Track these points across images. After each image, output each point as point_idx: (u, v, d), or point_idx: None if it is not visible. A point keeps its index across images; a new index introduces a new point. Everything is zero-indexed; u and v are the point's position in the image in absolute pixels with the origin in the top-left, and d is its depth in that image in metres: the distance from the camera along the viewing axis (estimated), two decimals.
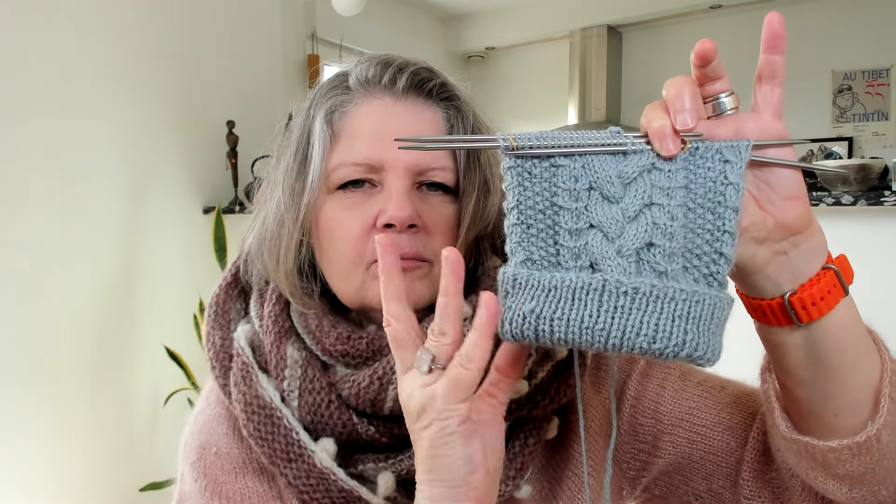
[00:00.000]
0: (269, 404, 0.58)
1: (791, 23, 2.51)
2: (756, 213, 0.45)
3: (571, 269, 0.42)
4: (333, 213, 0.59)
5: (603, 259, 0.42)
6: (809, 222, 0.46)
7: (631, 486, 0.66)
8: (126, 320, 2.33)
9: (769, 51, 0.46)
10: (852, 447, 0.47)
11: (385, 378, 0.56)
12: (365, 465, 0.57)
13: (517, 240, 0.43)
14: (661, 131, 0.43)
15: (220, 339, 0.64)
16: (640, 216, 0.43)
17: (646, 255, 0.42)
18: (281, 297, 0.62)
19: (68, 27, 2.15)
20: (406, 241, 0.56)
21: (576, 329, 0.41)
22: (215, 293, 0.67)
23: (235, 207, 2.53)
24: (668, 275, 0.42)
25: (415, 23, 5.09)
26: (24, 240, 2.05)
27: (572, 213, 0.43)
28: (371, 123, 0.58)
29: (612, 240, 0.43)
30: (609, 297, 0.41)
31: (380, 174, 0.57)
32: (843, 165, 1.63)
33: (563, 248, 0.43)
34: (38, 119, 2.07)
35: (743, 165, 0.43)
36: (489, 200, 0.58)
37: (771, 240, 0.45)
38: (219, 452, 0.60)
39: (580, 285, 0.41)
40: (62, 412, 2.15)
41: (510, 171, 0.43)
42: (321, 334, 0.59)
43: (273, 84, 2.87)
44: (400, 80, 0.59)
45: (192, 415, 0.66)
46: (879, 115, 4.22)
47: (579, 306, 0.41)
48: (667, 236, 0.42)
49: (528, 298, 0.42)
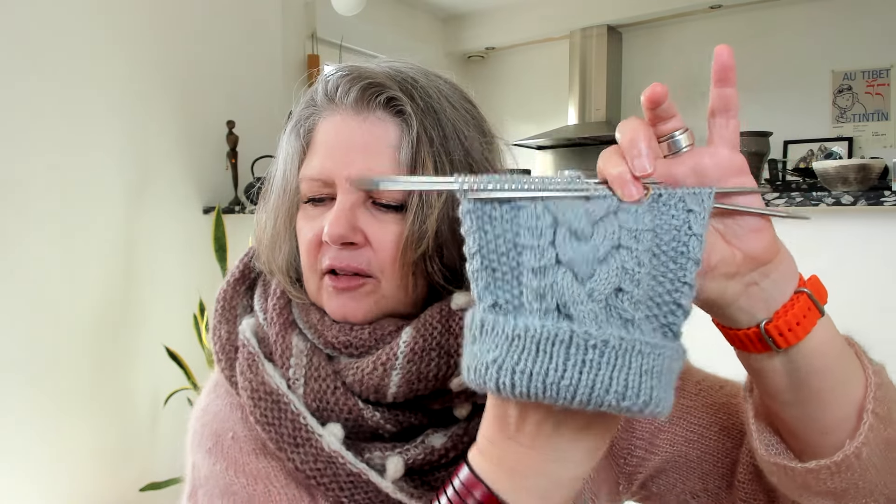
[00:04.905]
0: (275, 390, 0.58)
1: (791, 23, 2.53)
2: (723, 248, 0.45)
3: (535, 313, 0.39)
4: (299, 223, 0.61)
5: (573, 302, 0.39)
6: (777, 251, 0.46)
7: (627, 482, 0.66)
8: (126, 320, 2.33)
9: (720, 84, 0.45)
10: (830, 467, 0.47)
11: (388, 364, 0.56)
12: (371, 454, 0.57)
13: (483, 285, 0.41)
14: (621, 178, 0.42)
15: (227, 332, 0.64)
16: (610, 258, 0.40)
17: (614, 300, 0.40)
18: (284, 293, 0.64)
19: (69, 27, 2.15)
20: (347, 256, 0.57)
21: (539, 384, 0.37)
22: (223, 288, 0.68)
23: (235, 207, 2.53)
24: (633, 323, 0.40)
25: (415, 23, 5.09)
26: (25, 240, 2.05)
27: (536, 251, 0.40)
28: (328, 138, 0.59)
29: (583, 281, 0.40)
30: (577, 351, 0.38)
31: (332, 189, 0.58)
32: (842, 165, 1.63)
33: (527, 290, 0.40)
34: (38, 119, 2.07)
35: (707, 215, 0.42)
36: (428, 217, 0.57)
37: (741, 273, 0.45)
38: (236, 436, 0.61)
39: (545, 336, 0.38)
40: (62, 412, 2.15)
41: (469, 215, 0.40)
42: (323, 327, 0.60)
43: (273, 84, 2.87)
44: (351, 93, 0.59)
45: (198, 410, 0.66)
46: (879, 115, 4.22)
47: (543, 359, 0.38)
48: (634, 282, 0.40)
49: (491, 347, 0.39)
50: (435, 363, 0.57)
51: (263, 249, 0.65)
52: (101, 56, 2.24)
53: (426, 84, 0.60)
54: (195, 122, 2.53)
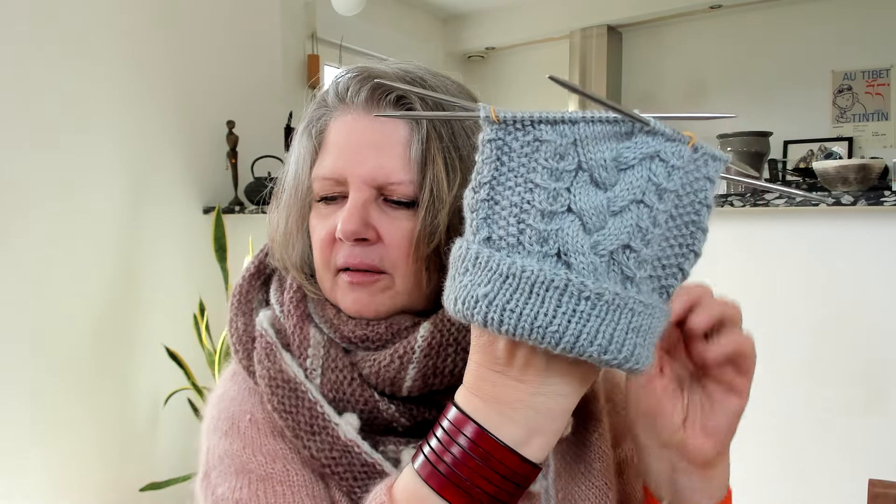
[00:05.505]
0: (293, 378, 0.59)
1: (791, 23, 2.52)
2: (675, 425, 0.49)
3: (534, 255, 0.39)
4: (312, 221, 0.62)
5: (574, 252, 0.39)
6: (710, 465, 0.49)
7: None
8: (126, 320, 2.33)
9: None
10: None
11: (405, 357, 0.57)
12: (386, 447, 0.58)
13: (483, 216, 0.40)
14: None
15: (243, 324, 0.65)
16: (626, 212, 0.40)
17: (619, 256, 0.40)
18: (300, 287, 0.65)
19: (69, 27, 2.15)
20: (360, 252, 0.58)
21: (526, 325, 0.38)
22: (239, 283, 0.69)
23: (235, 207, 2.53)
24: (633, 281, 0.40)
25: (415, 23, 5.09)
26: (25, 240, 2.05)
27: (549, 193, 0.39)
28: (339, 138, 0.60)
29: (590, 232, 0.39)
30: (569, 300, 0.38)
31: (345, 187, 0.59)
32: (842, 165, 1.63)
33: (529, 230, 0.39)
34: (38, 119, 2.07)
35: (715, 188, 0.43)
36: (439, 212, 0.58)
37: (668, 449, 0.49)
38: (253, 418, 0.61)
39: (540, 279, 0.38)
40: (62, 412, 2.15)
41: (489, 144, 0.40)
42: (339, 322, 0.60)
43: (273, 84, 2.87)
44: (362, 93, 0.60)
45: (214, 397, 0.67)
46: (879, 115, 4.22)
47: (535, 302, 0.38)
48: (644, 241, 0.40)
49: (483, 281, 0.39)
50: (451, 359, 0.57)
51: (277, 248, 0.66)
52: (101, 55, 2.24)
53: (434, 83, 0.61)
54: (195, 122, 2.53)
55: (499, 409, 0.42)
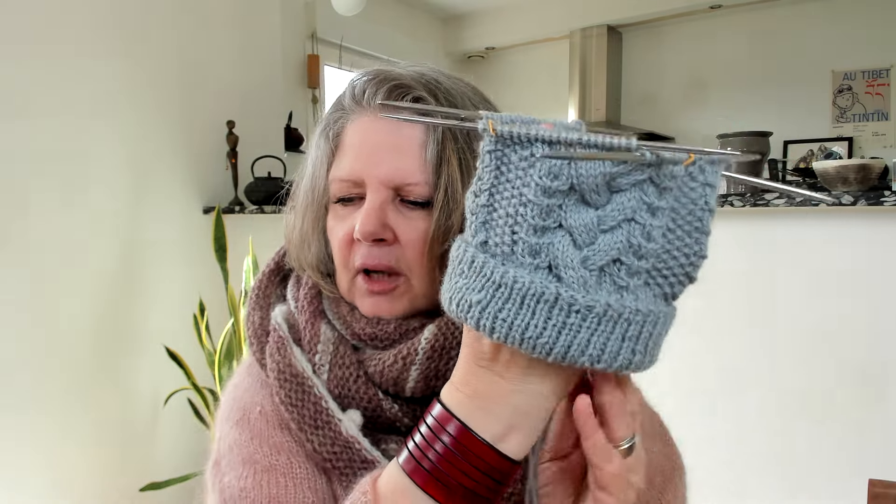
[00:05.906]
0: (301, 373, 0.61)
1: (791, 23, 2.53)
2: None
3: (526, 267, 0.40)
4: (330, 222, 0.64)
5: (565, 266, 0.39)
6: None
7: None
8: (126, 320, 2.33)
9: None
10: None
11: (409, 358, 0.58)
12: (387, 445, 0.59)
13: (481, 220, 0.41)
14: None
15: (260, 318, 0.67)
16: (617, 230, 0.40)
17: (610, 268, 0.40)
18: (315, 285, 0.66)
19: (69, 27, 2.15)
20: (378, 253, 0.59)
21: (517, 335, 0.39)
22: (258, 278, 0.71)
23: (235, 207, 2.53)
24: (628, 289, 0.40)
25: (415, 23, 5.09)
26: (25, 240, 2.05)
27: (542, 209, 0.40)
28: (356, 139, 0.61)
29: (580, 247, 0.40)
30: (559, 312, 0.38)
31: (362, 188, 0.60)
32: (842, 165, 1.63)
33: (521, 242, 0.40)
34: (38, 119, 2.07)
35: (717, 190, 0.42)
36: (453, 212, 0.59)
37: None
38: (263, 410, 0.63)
39: (531, 291, 0.39)
40: (62, 412, 2.15)
41: (489, 155, 0.41)
42: (352, 319, 0.62)
43: (273, 84, 2.87)
44: (378, 95, 0.61)
45: (230, 385, 0.69)
46: (879, 115, 4.22)
47: (526, 313, 0.39)
48: (636, 255, 0.40)
49: (477, 287, 0.40)
50: (454, 362, 0.58)
51: (293, 248, 0.68)
52: (101, 55, 2.24)
53: (449, 85, 0.62)
54: (195, 122, 2.53)
55: (480, 404, 0.44)
